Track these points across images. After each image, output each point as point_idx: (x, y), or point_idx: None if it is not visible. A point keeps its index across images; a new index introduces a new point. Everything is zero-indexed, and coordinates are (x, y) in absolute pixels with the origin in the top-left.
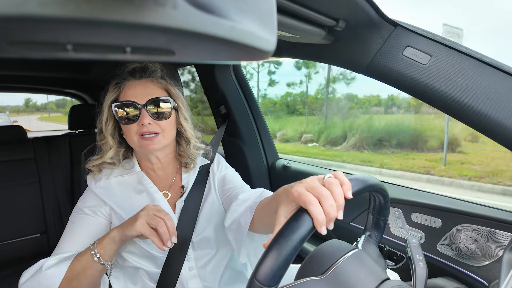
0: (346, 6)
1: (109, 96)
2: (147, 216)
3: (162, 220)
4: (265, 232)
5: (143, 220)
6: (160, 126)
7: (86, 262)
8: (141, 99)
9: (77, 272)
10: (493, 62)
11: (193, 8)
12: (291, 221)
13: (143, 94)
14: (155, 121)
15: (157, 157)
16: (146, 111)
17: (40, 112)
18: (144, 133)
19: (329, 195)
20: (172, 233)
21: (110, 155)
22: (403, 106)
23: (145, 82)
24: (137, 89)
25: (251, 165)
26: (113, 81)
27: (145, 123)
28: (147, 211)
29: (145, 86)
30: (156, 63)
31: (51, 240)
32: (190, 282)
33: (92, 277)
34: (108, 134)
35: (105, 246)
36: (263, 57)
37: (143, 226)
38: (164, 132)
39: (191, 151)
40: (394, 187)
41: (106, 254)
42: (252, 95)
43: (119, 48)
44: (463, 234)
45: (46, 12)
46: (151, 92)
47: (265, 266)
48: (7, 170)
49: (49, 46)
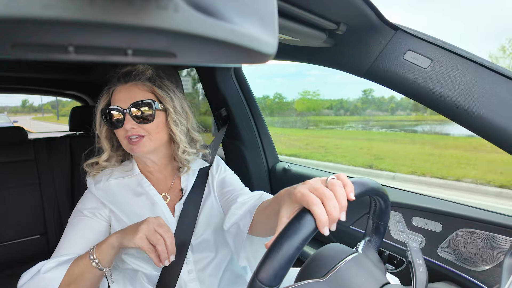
0: (347, 10)
1: (101, 101)
2: (147, 231)
3: (162, 238)
4: (265, 235)
5: (143, 234)
6: (144, 129)
7: (85, 266)
8: (125, 103)
9: (75, 276)
10: (494, 66)
11: (194, 10)
12: (294, 221)
13: (126, 98)
14: (139, 124)
15: (152, 160)
16: (129, 115)
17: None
18: (128, 136)
19: (332, 196)
20: (171, 252)
21: (104, 158)
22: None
23: (130, 86)
24: (121, 94)
25: (252, 167)
26: (106, 86)
27: (128, 128)
28: (148, 224)
29: (129, 90)
30: (146, 65)
31: (50, 242)
32: (189, 285)
33: (91, 281)
34: (102, 137)
35: (104, 252)
36: (264, 60)
37: (142, 241)
38: (150, 135)
39: (181, 156)
40: (395, 190)
41: (105, 260)
42: (253, 98)
43: (121, 51)
44: (463, 238)
45: (48, 14)
46: (134, 96)
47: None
48: (7, 171)
49: (51, 48)
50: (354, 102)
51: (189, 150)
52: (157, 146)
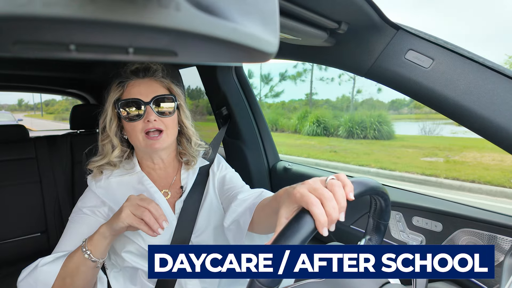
0: (348, 9)
1: (112, 95)
2: (131, 206)
3: (146, 209)
4: (265, 232)
5: (127, 210)
6: (164, 123)
7: (78, 259)
8: (146, 96)
9: (70, 269)
10: (495, 66)
11: (196, 9)
12: (293, 222)
13: (147, 92)
14: (161, 118)
15: (161, 157)
16: (151, 108)
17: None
18: (149, 129)
19: (331, 197)
20: (160, 218)
21: (116, 154)
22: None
23: (149, 81)
24: (141, 88)
25: (252, 166)
26: (116, 80)
27: (151, 120)
28: (130, 201)
29: (149, 85)
30: (157, 63)
31: (51, 239)
32: (189, 283)
33: (85, 274)
34: (112, 133)
35: (95, 243)
36: (265, 59)
37: (128, 217)
38: (168, 130)
39: (193, 149)
40: (395, 190)
41: (97, 251)
42: (254, 97)
43: (122, 49)
44: (464, 238)
45: (50, 12)
46: (155, 90)
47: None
48: (8, 169)
49: (52, 46)
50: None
51: (200, 142)
52: (172, 141)
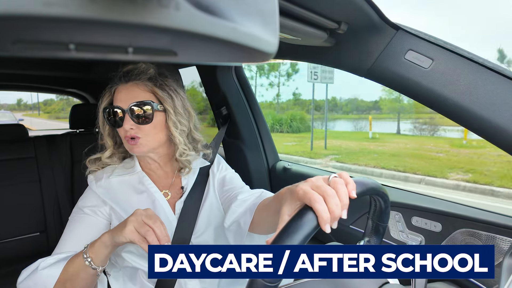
0: (348, 9)
1: (103, 100)
2: (136, 222)
3: (151, 229)
4: (265, 233)
5: (131, 227)
6: (142, 130)
7: (79, 265)
8: (125, 103)
9: (70, 274)
10: (495, 67)
11: (195, 9)
12: (295, 219)
13: (127, 98)
14: (138, 125)
15: (152, 158)
16: (129, 116)
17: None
18: (126, 137)
19: (334, 194)
20: (163, 240)
21: (107, 155)
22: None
23: (131, 86)
24: (122, 94)
25: (252, 166)
26: (109, 85)
27: (127, 128)
28: (136, 216)
29: (130, 90)
30: (148, 64)
31: (50, 239)
32: (189, 284)
33: (85, 280)
34: (105, 135)
35: (97, 251)
36: (264, 58)
37: (132, 233)
38: (147, 137)
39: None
40: (395, 190)
41: (98, 259)
42: (254, 97)
43: (121, 48)
44: (463, 238)
45: (49, 11)
46: (135, 96)
47: None
48: (7, 169)
49: (52, 46)
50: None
51: (188, 152)
52: (155, 146)
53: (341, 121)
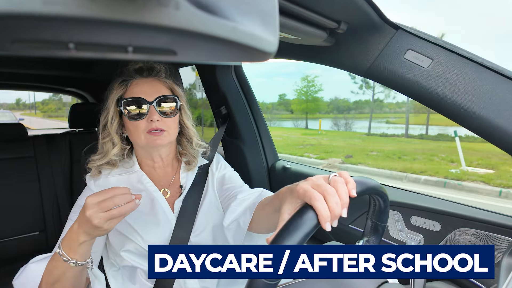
0: (348, 9)
1: (115, 93)
2: (97, 212)
3: (109, 199)
4: (264, 232)
5: (96, 217)
6: (166, 123)
7: (63, 267)
8: (150, 96)
9: (55, 276)
10: (494, 66)
11: (195, 8)
12: (296, 217)
13: (151, 91)
14: (163, 118)
15: (160, 156)
16: (154, 108)
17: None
18: (152, 129)
19: (334, 192)
20: (128, 200)
21: (115, 152)
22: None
23: (152, 80)
24: (144, 87)
25: (251, 166)
26: (118, 79)
27: (154, 119)
28: (90, 206)
29: (153, 85)
30: (160, 63)
31: (49, 238)
32: (188, 282)
33: (75, 277)
34: (113, 131)
35: (79, 251)
36: (264, 58)
37: (102, 220)
38: (169, 130)
39: (194, 149)
40: (394, 190)
41: (81, 256)
42: (253, 96)
43: (121, 48)
44: (462, 238)
45: (49, 10)
46: (159, 90)
47: None
48: (6, 168)
49: (51, 45)
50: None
51: (201, 143)
52: (173, 140)
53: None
